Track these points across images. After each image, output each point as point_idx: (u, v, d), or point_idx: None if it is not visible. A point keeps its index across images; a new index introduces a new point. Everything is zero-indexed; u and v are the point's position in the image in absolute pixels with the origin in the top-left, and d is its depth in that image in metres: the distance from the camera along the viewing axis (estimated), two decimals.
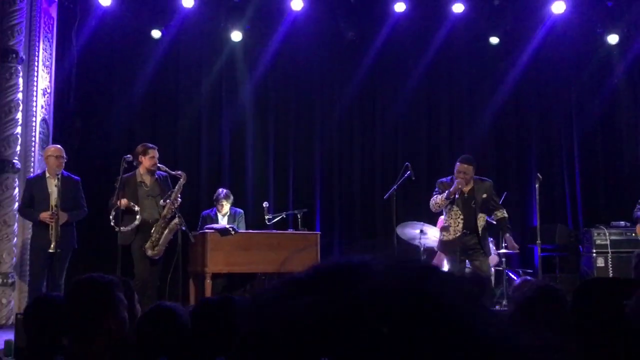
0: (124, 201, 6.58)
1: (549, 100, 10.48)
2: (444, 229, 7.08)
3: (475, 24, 9.90)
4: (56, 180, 6.58)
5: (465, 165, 6.88)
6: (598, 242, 8.71)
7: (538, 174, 7.13)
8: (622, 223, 8.72)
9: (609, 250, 8.66)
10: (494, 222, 7.04)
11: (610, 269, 8.61)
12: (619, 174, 10.22)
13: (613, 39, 9.96)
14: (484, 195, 6.94)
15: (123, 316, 2.41)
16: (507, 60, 10.16)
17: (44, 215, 6.54)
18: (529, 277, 6.75)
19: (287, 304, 0.68)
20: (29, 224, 7.09)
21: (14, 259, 7.21)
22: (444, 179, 7.12)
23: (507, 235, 6.90)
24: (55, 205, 6.52)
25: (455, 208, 6.91)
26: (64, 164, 6.81)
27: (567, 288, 8.65)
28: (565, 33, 9.99)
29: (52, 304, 2.81)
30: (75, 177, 6.89)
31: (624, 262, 8.19)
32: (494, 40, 10.01)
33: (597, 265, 8.66)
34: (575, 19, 9.84)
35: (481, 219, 6.95)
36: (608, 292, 1.82)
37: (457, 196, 6.90)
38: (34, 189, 6.74)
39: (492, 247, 7.53)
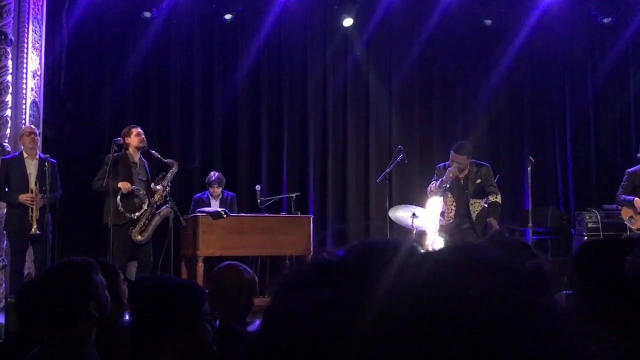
0: (125, 184, 6.51)
1: (543, 83, 10.45)
2: (441, 214, 7.16)
3: (470, 6, 9.84)
4: (35, 161, 6.52)
5: (459, 156, 6.89)
6: (590, 224, 8.73)
7: (530, 157, 7.14)
8: (614, 206, 8.73)
9: (601, 232, 8.67)
10: (486, 206, 7.05)
11: None
12: (611, 157, 10.24)
13: (607, 21, 9.93)
14: (478, 181, 6.96)
15: (104, 297, 2.40)
16: (501, 43, 10.11)
17: (25, 197, 6.44)
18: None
19: (309, 295, 0.57)
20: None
21: (5, 242, 7.17)
22: (441, 164, 7.13)
23: (490, 219, 6.91)
24: (35, 187, 6.45)
25: (449, 194, 6.97)
26: (38, 142, 6.75)
27: (559, 271, 8.72)
28: (559, 15, 9.95)
29: None
30: (52, 159, 6.80)
31: None
32: (488, 22, 9.97)
33: None
34: (569, 1, 9.80)
35: (475, 205, 6.97)
36: (608, 250, 1.82)
37: (447, 186, 6.93)
38: (11, 169, 6.62)
39: None
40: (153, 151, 6.80)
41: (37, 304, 2.47)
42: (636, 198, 7.32)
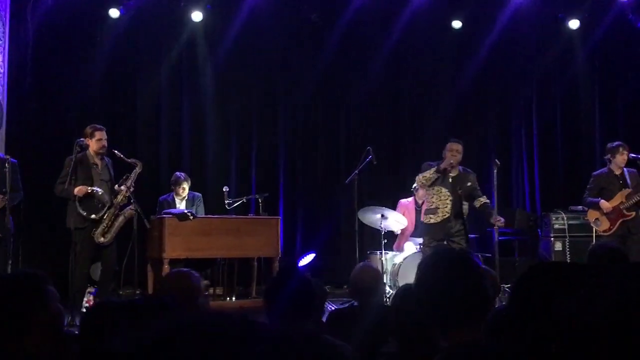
0: (81, 189, 6.42)
1: (511, 85, 10.54)
2: (430, 211, 7.07)
3: (438, 7, 9.87)
4: None
5: (458, 145, 6.97)
6: (556, 226, 8.83)
7: (496, 160, 7.17)
8: (580, 207, 8.81)
9: (567, 234, 8.78)
10: (477, 207, 7.10)
11: (568, 252, 8.74)
12: (577, 159, 10.35)
13: (574, 24, 10.03)
14: (469, 184, 7.01)
15: (56, 308, 2.35)
16: (470, 45, 10.17)
17: None
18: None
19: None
20: None
21: None
22: (431, 162, 7.13)
23: (496, 217, 6.93)
24: None
25: (443, 190, 6.95)
26: None
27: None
28: (527, 18, 10.03)
29: None
30: (12, 159, 6.66)
31: (581, 246, 8.29)
32: (457, 24, 10.01)
33: (555, 249, 8.78)
34: (537, 3, 9.88)
35: (465, 207, 7.03)
36: (551, 279, 1.78)
37: (449, 169, 6.90)
38: None
39: None
40: (116, 151, 6.70)
41: None
42: (602, 200, 7.40)
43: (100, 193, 6.48)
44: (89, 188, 6.47)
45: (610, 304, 1.22)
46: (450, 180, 6.99)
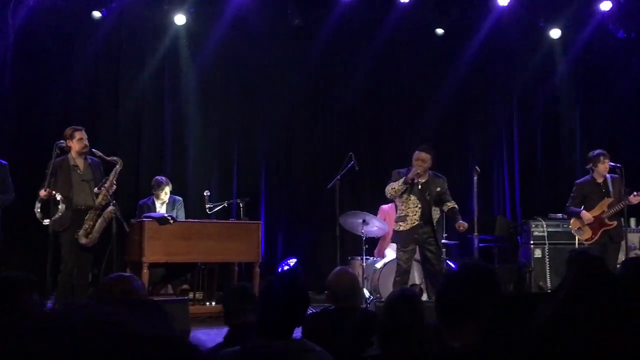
0: (43, 192, 6.39)
1: (492, 93, 10.61)
2: (400, 219, 7.14)
3: (422, 14, 9.91)
4: None
5: (424, 154, 7.02)
6: (536, 233, 8.90)
7: (476, 167, 7.24)
8: (560, 215, 8.91)
9: (546, 241, 8.85)
10: (445, 212, 7.15)
11: (547, 260, 8.80)
12: (558, 167, 10.44)
13: (555, 33, 10.13)
14: (438, 189, 7.08)
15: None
16: (453, 52, 10.23)
17: None
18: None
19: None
20: None
21: None
22: (401, 170, 7.18)
23: (460, 222, 7.00)
24: None
25: (412, 197, 7.02)
26: None
27: (505, 278, 8.85)
28: (510, 26, 10.11)
29: None
30: (3, 161, 6.62)
31: (561, 253, 8.36)
32: (440, 31, 10.07)
33: (535, 256, 8.84)
34: (519, 12, 9.96)
35: (435, 212, 7.08)
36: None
37: (416, 181, 6.96)
38: None
39: None
40: (95, 150, 6.66)
41: None
42: (583, 211, 7.47)
43: (59, 197, 6.44)
44: (53, 192, 6.44)
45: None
46: (419, 187, 7.07)
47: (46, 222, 6.39)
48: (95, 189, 6.60)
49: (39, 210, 6.41)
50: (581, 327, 1.22)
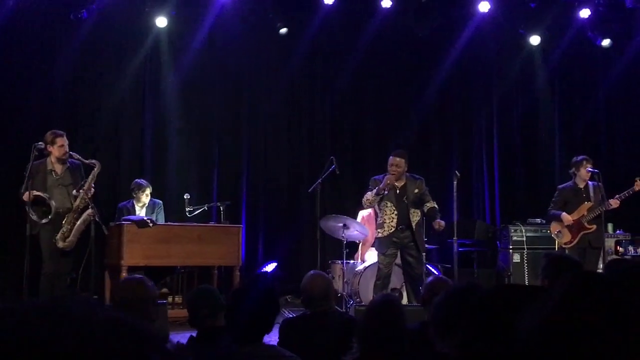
0: (26, 195, 6.33)
1: (473, 98, 10.69)
2: (379, 226, 7.21)
3: (403, 20, 9.95)
4: None
5: (397, 159, 7.03)
6: (515, 238, 8.96)
7: (456, 172, 7.28)
8: (538, 220, 8.98)
9: (525, 246, 8.91)
10: (425, 212, 7.17)
11: (526, 264, 8.86)
12: (537, 173, 10.53)
13: (535, 40, 10.21)
14: (416, 191, 7.11)
15: None
16: (434, 58, 10.28)
17: None
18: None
19: None
20: None
21: None
22: (377, 177, 7.21)
23: (437, 221, 7.05)
24: None
25: (389, 204, 7.06)
26: None
27: (484, 283, 8.88)
28: (490, 32, 10.19)
29: None
30: None
31: (539, 258, 8.42)
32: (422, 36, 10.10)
33: (514, 260, 8.90)
34: (499, 19, 10.03)
35: (415, 215, 7.11)
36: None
37: (386, 192, 7.01)
38: None
39: None
40: (72, 152, 6.61)
41: None
42: (564, 213, 7.54)
43: (47, 198, 6.39)
44: (35, 193, 6.38)
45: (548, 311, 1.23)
46: (397, 191, 7.10)
47: (44, 220, 6.33)
48: (74, 192, 6.55)
49: (32, 213, 6.33)
50: (582, 331, 1.22)
